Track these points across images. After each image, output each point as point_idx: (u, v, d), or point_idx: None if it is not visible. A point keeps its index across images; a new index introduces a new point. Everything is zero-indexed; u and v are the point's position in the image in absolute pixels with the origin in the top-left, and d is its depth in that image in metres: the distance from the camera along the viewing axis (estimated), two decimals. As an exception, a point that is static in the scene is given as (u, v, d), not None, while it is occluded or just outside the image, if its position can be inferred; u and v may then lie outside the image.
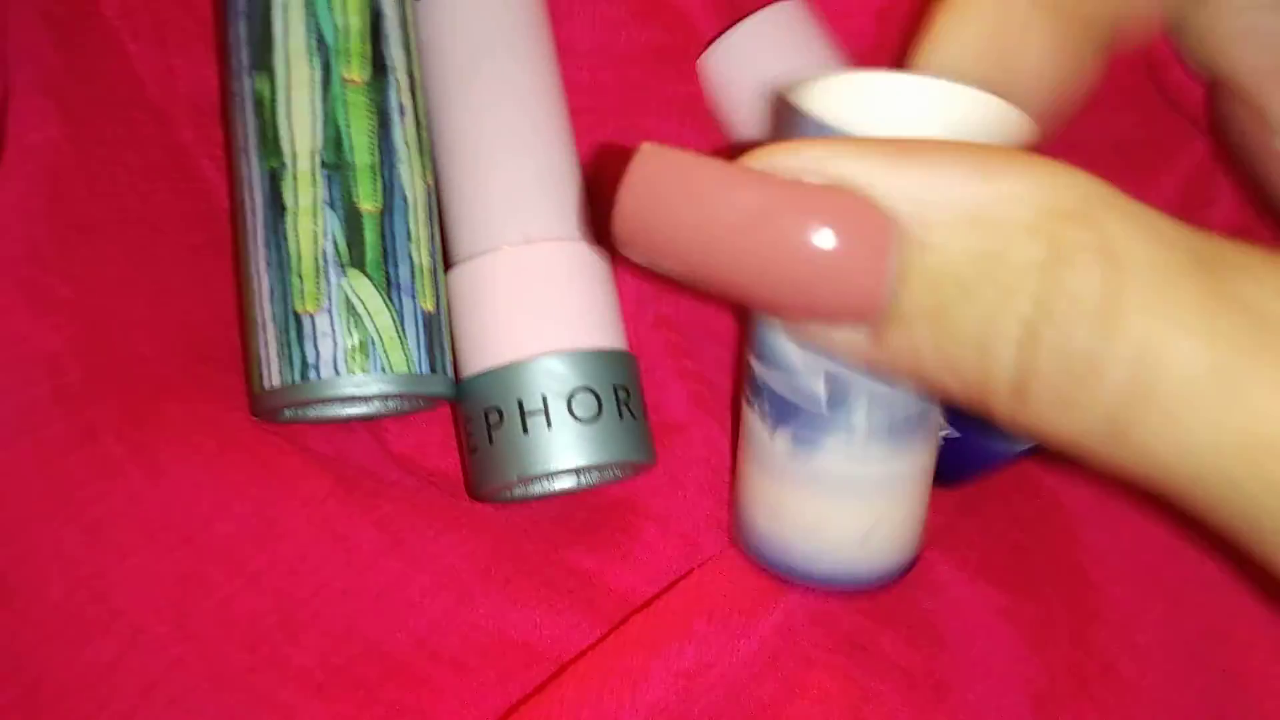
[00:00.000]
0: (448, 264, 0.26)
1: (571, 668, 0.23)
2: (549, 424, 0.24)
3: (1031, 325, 0.14)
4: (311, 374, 0.22)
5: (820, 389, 0.20)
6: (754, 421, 0.23)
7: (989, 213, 0.14)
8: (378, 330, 0.23)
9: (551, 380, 0.24)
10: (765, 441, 0.22)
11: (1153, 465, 0.14)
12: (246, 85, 0.24)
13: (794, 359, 0.20)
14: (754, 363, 0.22)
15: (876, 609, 0.24)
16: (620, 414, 0.25)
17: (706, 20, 0.29)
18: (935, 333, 0.15)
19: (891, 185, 0.14)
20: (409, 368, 0.23)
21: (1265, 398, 0.12)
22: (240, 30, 0.24)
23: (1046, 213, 0.14)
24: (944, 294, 0.14)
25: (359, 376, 0.22)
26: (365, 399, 0.24)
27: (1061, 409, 0.14)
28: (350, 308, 0.23)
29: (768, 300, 0.16)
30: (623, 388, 0.25)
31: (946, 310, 0.14)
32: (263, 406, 0.23)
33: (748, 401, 0.23)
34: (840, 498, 0.22)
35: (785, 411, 0.21)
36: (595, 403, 0.24)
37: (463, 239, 0.26)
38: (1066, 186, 0.14)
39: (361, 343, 0.23)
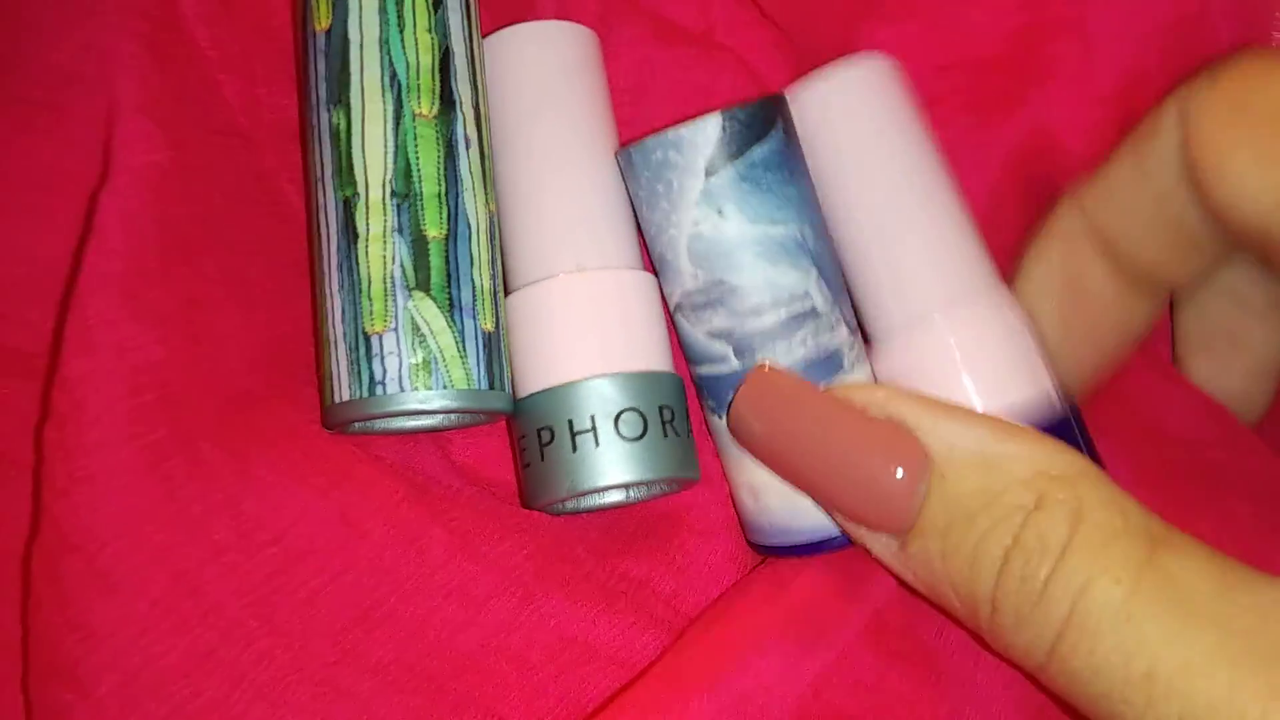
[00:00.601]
0: (507, 288, 0.27)
1: (618, 700, 0.24)
2: (597, 443, 0.25)
3: (1008, 552, 0.18)
4: (378, 389, 0.24)
5: (727, 348, 0.26)
6: (714, 425, 0.27)
7: (999, 464, 0.19)
8: (440, 349, 0.25)
9: (600, 401, 0.25)
10: (723, 431, 0.27)
11: (1075, 682, 0.18)
12: (324, 118, 0.25)
13: (704, 343, 0.26)
14: (693, 372, 0.28)
15: (884, 647, 0.25)
16: (665, 433, 0.26)
17: (770, 66, 0.30)
18: (942, 546, 0.19)
19: (934, 430, 0.20)
20: (469, 384, 0.25)
21: (1159, 640, 0.16)
22: (319, 66, 0.26)
23: (1040, 473, 0.19)
24: (952, 516, 0.19)
25: (422, 392, 0.24)
26: (428, 413, 0.26)
27: (1019, 625, 0.18)
28: (415, 328, 0.24)
29: (834, 504, 0.22)
30: (668, 407, 0.26)
31: (952, 529, 0.19)
32: (334, 419, 0.25)
33: (704, 412, 0.28)
34: None
35: (719, 391, 0.26)
36: (641, 422, 0.26)
37: (521, 265, 0.27)
38: (1061, 459, 0.19)
39: (425, 360, 0.24)
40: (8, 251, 0.26)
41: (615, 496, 0.28)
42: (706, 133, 0.25)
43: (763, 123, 0.25)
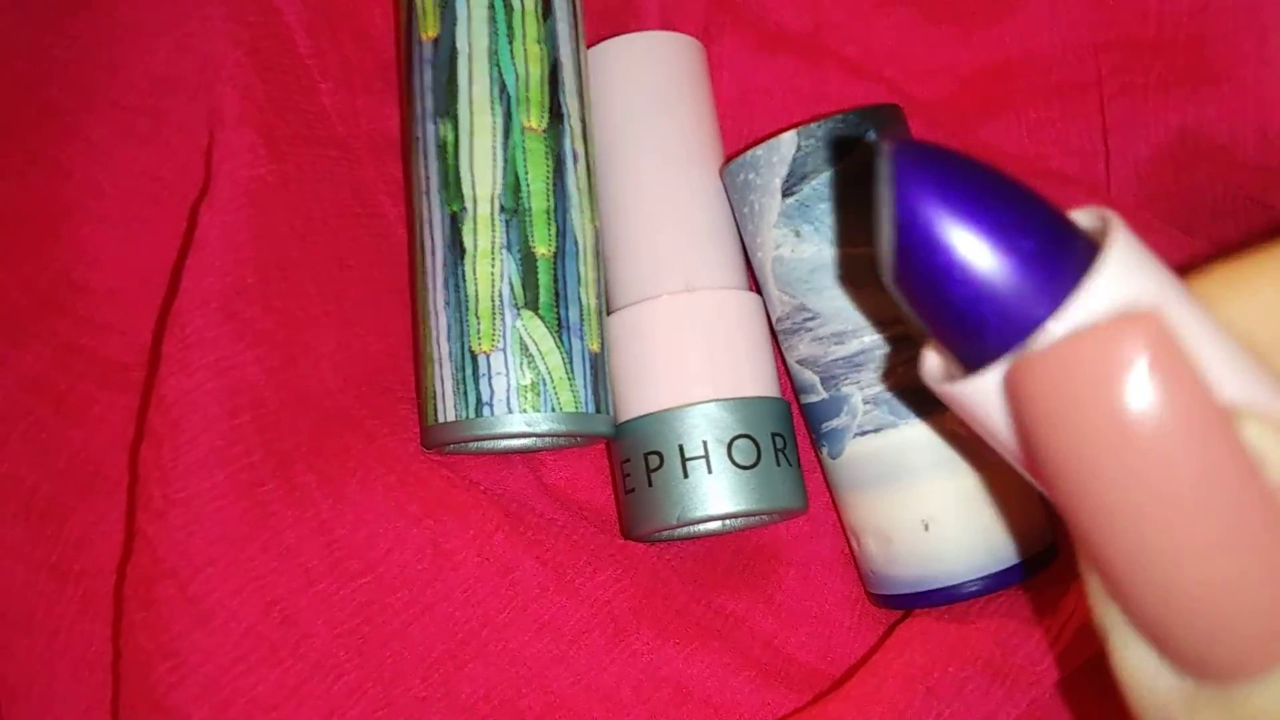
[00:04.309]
0: (608, 308, 0.26)
1: None
2: (710, 469, 0.24)
3: None
4: (485, 410, 0.23)
5: (814, 377, 0.24)
6: (825, 461, 0.26)
7: None
8: (549, 370, 0.23)
9: (713, 427, 0.24)
10: (826, 469, 0.26)
11: None
12: (430, 130, 0.25)
13: (795, 371, 0.25)
14: (800, 401, 0.26)
15: None
16: (778, 461, 0.25)
17: (884, 63, 0.29)
18: None
19: None
20: (576, 407, 0.24)
21: None
22: (426, 77, 0.25)
23: None
24: None
25: (531, 414, 0.23)
26: (533, 436, 0.25)
27: None
28: (524, 348, 0.23)
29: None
30: (779, 435, 0.25)
31: None
32: (435, 439, 0.24)
33: (812, 445, 0.26)
34: (878, 488, 0.24)
35: (815, 423, 0.25)
36: (755, 450, 0.24)
37: (625, 284, 0.26)
38: None
39: (534, 382, 0.23)
40: (106, 261, 0.26)
41: (713, 525, 0.27)
42: (781, 151, 0.24)
43: (846, 136, 0.24)
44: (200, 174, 0.26)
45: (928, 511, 0.23)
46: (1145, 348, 0.11)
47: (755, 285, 0.27)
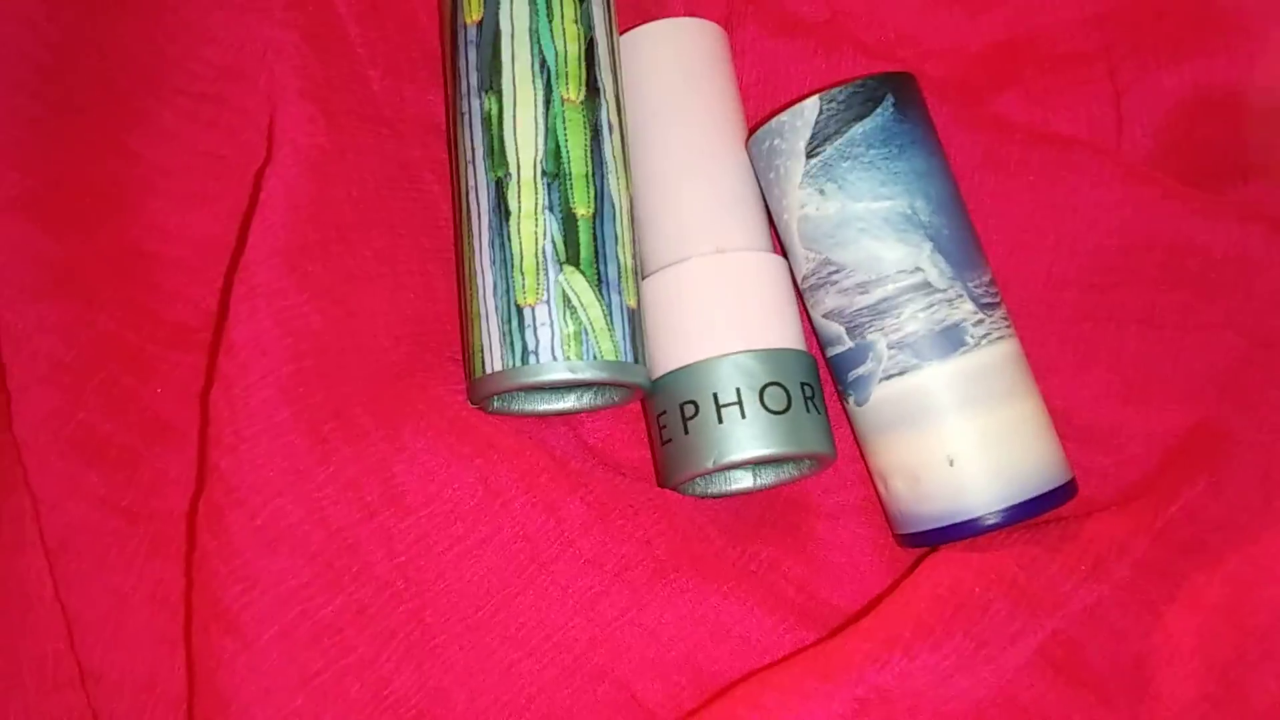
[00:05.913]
0: (643, 273, 0.28)
1: (753, 685, 0.23)
2: (743, 415, 0.25)
3: None
4: (531, 359, 0.25)
5: (840, 328, 0.26)
6: (851, 411, 0.27)
7: None
8: (590, 321, 0.25)
9: (745, 375, 0.25)
10: (853, 417, 0.27)
11: None
12: (476, 104, 0.26)
13: (821, 325, 0.27)
14: (824, 356, 0.27)
15: (1057, 672, 0.24)
16: (807, 408, 0.26)
17: (898, 45, 0.30)
18: None
19: None
20: (617, 356, 0.25)
21: None
22: (471, 57, 0.27)
23: None
24: None
25: (574, 361, 0.25)
26: (576, 385, 0.26)
27: None
28: (566, 300, 0.25)
29: None
30: (808, 384, 0.26)
31: None
32: (485, 390, 0.25)
33: (839, 398, 0.27)
34: (904, 429, 0.25)
35: (841, 373, 0.27)
36: (785, 397, 0.26)
37: (658, 249, 0.28)
38: None
39: (576, 331, 0.25)
40: (173, 234, 0.27)
41: (744, 483, 0.28)
42: (805, 115, 0.26)
43: (865, 101, 0.26)
44: (260, 152, 0.28)
45: (952, 448, 0.25)
46: None
47: (781, 250, 0.28)
